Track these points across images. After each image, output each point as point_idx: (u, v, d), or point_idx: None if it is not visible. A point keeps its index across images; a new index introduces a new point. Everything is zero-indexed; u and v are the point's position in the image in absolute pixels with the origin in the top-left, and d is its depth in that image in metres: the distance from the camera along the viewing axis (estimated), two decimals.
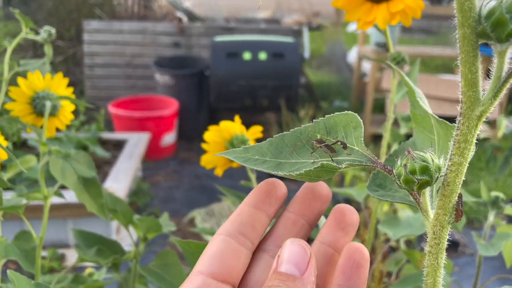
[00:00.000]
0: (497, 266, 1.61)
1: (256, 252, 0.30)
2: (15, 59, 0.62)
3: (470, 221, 2.06)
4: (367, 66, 3.46)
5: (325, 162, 0.26)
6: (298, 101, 3.01)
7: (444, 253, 0.26)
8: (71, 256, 1.76)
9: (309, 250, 0.26)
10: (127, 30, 3.23)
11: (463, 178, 0.25)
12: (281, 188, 0.31)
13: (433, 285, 0.26)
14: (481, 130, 0.26)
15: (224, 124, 0.53)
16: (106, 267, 0.56)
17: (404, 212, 0.71)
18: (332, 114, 0.29)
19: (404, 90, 0.58)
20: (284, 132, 0.30)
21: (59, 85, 0.49)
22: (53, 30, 0.66)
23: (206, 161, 0.53)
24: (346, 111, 0.29)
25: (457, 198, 0.25)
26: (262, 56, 2.87)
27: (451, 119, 0.29)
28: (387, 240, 1.03)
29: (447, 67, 4.12)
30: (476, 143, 0.25)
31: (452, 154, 0.25)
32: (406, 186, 0.26)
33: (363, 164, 0.27)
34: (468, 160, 0.25)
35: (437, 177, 0.25)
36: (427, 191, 0.26)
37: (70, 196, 1.66)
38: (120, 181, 1.87)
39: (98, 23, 3.23)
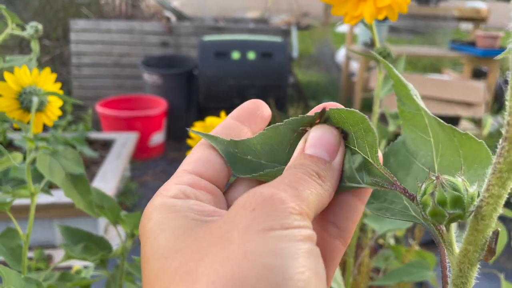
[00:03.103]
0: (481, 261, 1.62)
1: None
2: (1, 57, 0.61)
3: None
4: (355, 65, 3.48)
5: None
6: (287, 101, 3.02)
7: None
8: (58, 257, 1.74)
9: (339, 138, 0.26)
10: (115, 29, 3.21)
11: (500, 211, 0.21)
12: (266, 108, 0.30)
13: None
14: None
15: (210, 119, 0.53)
16: (94, 264, 0.55)
17: None
18: (338, 108, 0.25)
19: (390, 84, 0.58)
20: (277, 124, 0.26)
21: (47, 80, 0.49)
22: (40, 26, 0.66)
23: None
24: (352, 109, 0.25)
25: (491, 234, 0.22)
26: (251, 55, 2.87)
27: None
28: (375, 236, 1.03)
29: (434, 67, 4.16)
30: None
31: (491, 185, 0.21)
32: (434, 219, 0.22)
33: (379, 185, 0.24)
34: (508, 191, 0.21)
35: (471, 211, 0.22)
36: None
37: (57, 196, 1.64)
38: (108, 181, 1.86)
39: (85, 23, 3.21)
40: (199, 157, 0.27)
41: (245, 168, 0.27)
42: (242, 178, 0.28)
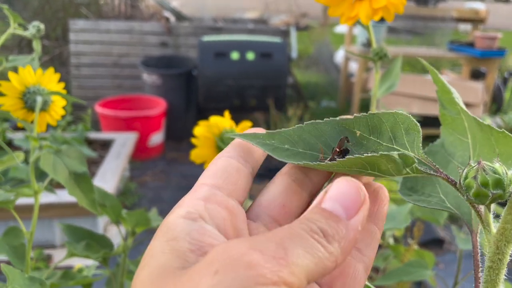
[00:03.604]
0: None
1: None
2: (3, 57, 0.62)
3: (455, 219, 2.09)
4: (354, 66, 3.48)
5: (400, 153, 0.24)
6: (286, 101, 3.02)
7: (505, 269, 0.25)
8: (58, 257, 1.75)
9: (364, 194, 0.22)
10: (114, 29, 3.21)
11: None
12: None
13: None
14: None
15: (214, 119, 0.53)
16: (96, 261, 0.56)
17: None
18: (376, 112, 0.26)
19: (387, 84, 0.59)
20: (317, 120, 0.27)
21: (50, 80, 0.49)
22: (42, 26, 0.66)
23: (196, 155, 0.54)
24: (395, 110, 0.25)
25: None
26: (250, 56, 2.88)
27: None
28: None
29: (433, 67, 4.16)
30: None
31: None
32: (477, 200, 0.24)
33: (424, 172, 0.25)
34: None
35: (510, 192, 0.23)
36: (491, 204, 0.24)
37: (57, 196, 1.64)
38: (107, 181, 1.86)
39: (85, 23, 3.21)
40: (218, 169, 0.25)
41: (282, 154, 0.26)
42: (267, 192, 0.27)
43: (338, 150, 0.26)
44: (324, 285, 0.25)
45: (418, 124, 0.25)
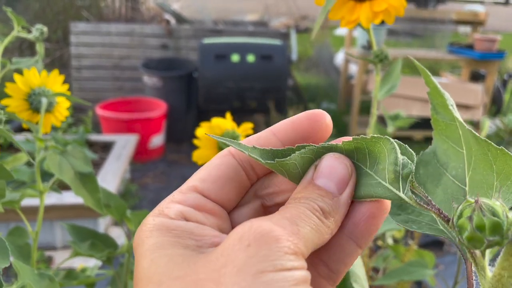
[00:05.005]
0: None
1: (251, 190, 0.28)
2: (6, 59, 0.62)
3: None
4: (354, 68, 3.49)
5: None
6: (286, 103, 3.03)
7: None
8: (59, 259, 1.75)
9: (352, 170, 0.24)
10: (115, 32, 3.22)
11: None
12: (326, 128, 0.27)
13: None
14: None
15: (216, 120, 0.54)
16: (100, 261, 0.56)
17: None
18: (364, 138, 0.24)
19: (387, 86, 0.59)
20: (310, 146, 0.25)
21: (55, 82, 0.50)
22: (45, 29, 0.67)
23: (198, 156, 0.55)
24: (376, 136, 0.24)
25: None
26: (250, 58, 2.89)
27: None
28: (375, 238, 1.05)
29: (433, 69, 4.18)
30: None
31: None
32: (470, 244, 0.21)
33: (416, 202, 0.23)
34: None
35: (510, 237, 0.20)
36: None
37: (58, 198, 1.64)
38: (108, 183, 1.87)
39: (85, 25, 3.22)
40: (210, 173, 0.26)
41: (269, 155, 0.25)
42: (247, 198, 0.27)
43: None
44: None
45: (413, 154, 0.24)
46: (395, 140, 0.24)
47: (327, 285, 0.26)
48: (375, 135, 0.23)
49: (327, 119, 0.27)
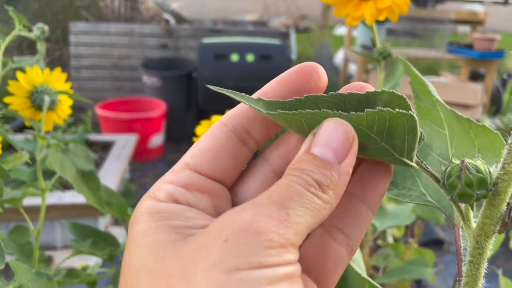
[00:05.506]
0: None
1: (258, 158, 0.26)
2: (8, 58, 0.62)
3: None
4: (353, 68, 3.50)
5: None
6: None
7: (486, 264, 0.25)
8: (59, 259, 1.75)
9: (353, 136, 0.22)
10: (114, 32, 3.22)
11: None
12: (319, 77, 0.25)
13: None
14: None
15: (216, 118, 0.54)
16: (102, 259, 0.56)
17: (390, 205, 0.73)
18: (387, 91, 0.22)
19: (390, 84, 0.60)
20: (321, 94, 0.23)
21: (57, 80, 0.50)
22: (46, 28, 0.67)
23: None
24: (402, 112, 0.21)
25: (505, 208, 0.23)
26: (250, 58, 2.89)
27: None
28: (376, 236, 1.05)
29: (432, 69, 4.18)
30: None
31: (506, 163, 0.23)
32: (461, 199, 0.24)
33: (419, 165, 0.24)
34: None
35: (493, 189, 0.23)
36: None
37: (58, 197, 1.64)
38: (107, 182, 1.87)
39: (85, 25, 3.22)
40: (207, 147, 0.24)
41: (274, 106, 0.23)
42: (254, 170, 0.25)
43: None
44: (302, 267, 0.23)
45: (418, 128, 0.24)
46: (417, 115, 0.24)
47: (345, 254, 0.24)
48: (400, 110, 0.21)
49: (320, 69, 0.25)
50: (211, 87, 0.25)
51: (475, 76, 3.32)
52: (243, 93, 0.24)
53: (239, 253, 0.18)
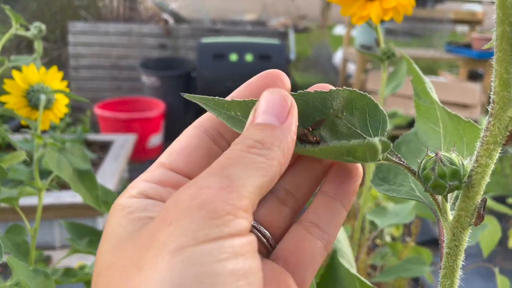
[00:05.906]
0: (474, 253, 1.64)
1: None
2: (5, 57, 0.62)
3: None
4: (352, 67, 3.50)
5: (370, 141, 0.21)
6: None
7: (463, 255, 0.25)
8: (57, 258, 1.75)
9: (290, 99, 0.23)
10: (113, 31, 3.22)
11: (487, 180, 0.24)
12: (283, 83, 0.26)
13: (450, 287, 0.25)
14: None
15: None
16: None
17: (390, 204, 0.74)
18: (348, 89, 0.25)
19: (393, 83, 0.60)
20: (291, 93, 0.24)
21: (53, 78, 0.50)
22: (43, 26, 0.67)
23: None
24: (359, 91, 0.25)
25: (480, 201, 0.24)
26: (249, 57, 2.89)
27: None
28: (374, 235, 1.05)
29: (431, 69, 4.18)
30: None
31: (479, 156, 0.23)
32: (435, 191, 0.24)
33: (392, 160, 0.25)
34: (494, 162, 0.23)
35: (466, 181, 0.24)
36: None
37: (56, 197, 1.64)
38: (106, 182, 1.86)
39: (84, 25, 3.22)
40: (181, 147, 0.25)
41: (239, 125, 0.24)
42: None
43: (310, 129, 0.25)
44: (279, 260, 0.24)
45: (385, 112, 0.25)
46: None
47: (321, 248, 0.25)
48: (358, 90, 0.24)
49: (284, 76, 0.26)
50: (185, 94, 0.26)
51: (474, 76, 3.32)
52: (216, 97, 0.25)
53: (182, 232, 0.17)
